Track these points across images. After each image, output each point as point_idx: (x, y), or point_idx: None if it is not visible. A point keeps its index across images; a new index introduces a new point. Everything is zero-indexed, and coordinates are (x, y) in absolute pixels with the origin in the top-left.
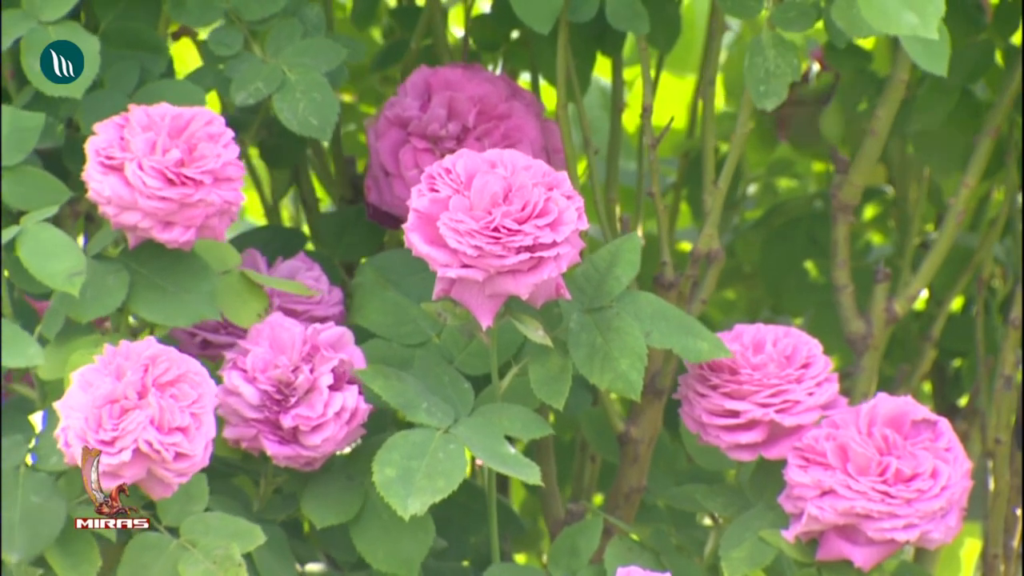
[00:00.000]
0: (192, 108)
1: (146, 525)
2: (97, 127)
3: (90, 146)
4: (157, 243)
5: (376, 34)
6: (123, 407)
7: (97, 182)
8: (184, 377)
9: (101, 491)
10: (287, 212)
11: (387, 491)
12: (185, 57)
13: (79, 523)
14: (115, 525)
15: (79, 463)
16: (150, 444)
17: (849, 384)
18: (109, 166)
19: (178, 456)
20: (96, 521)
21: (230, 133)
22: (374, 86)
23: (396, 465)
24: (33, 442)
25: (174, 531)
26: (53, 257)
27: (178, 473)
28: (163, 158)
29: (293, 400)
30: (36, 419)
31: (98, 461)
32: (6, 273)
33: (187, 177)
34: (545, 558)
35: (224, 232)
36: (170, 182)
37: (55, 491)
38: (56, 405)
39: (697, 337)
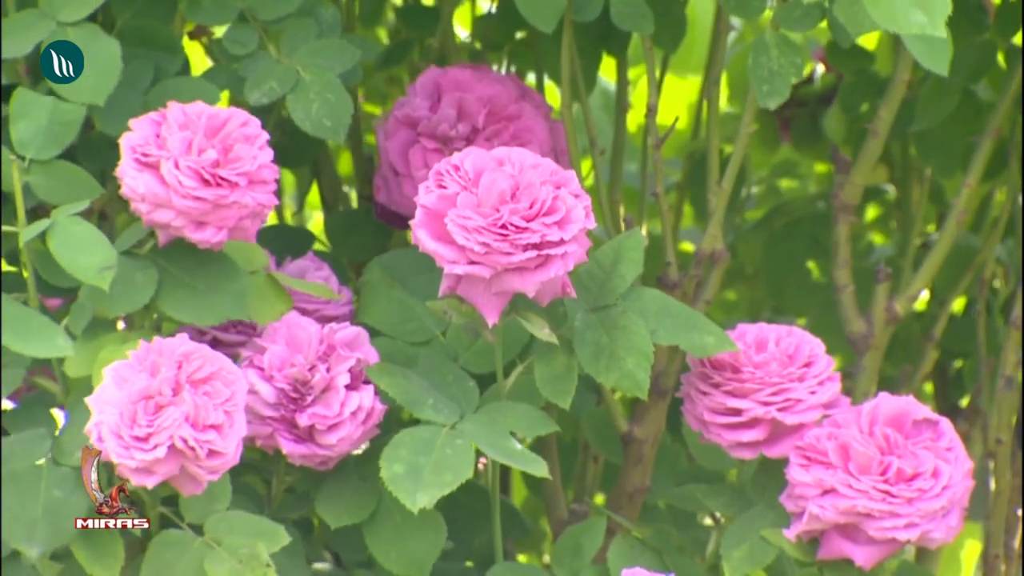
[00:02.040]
0: (228, 108)
1: (146, 525)
2: (133, 123)
3: (125, 142)
4: (187, 242)
5: (382, 34)
6: (158, 403)
7: (132, 178)
8: (217, 375)
9: (101, 491)
10: (289, 211)
11: (395, 486)
12: (200, 56)
13: (79, 523)
14: (115, 525)
15: (112, 458)
16: (185, 441)
17: (850, 384)
18: (144, 163)
19: (211, 454)
20: (96, 521)
21: (265, 135)
22: (379, 86)
23: (403, 461)
24: (57, 433)
25: (197, 528)
26: (84, 251)
27: (210, 471)
28: (199, 158)
29: (309, 399)
30: (57, 413)
31: (98, 461)
32: (10, 268)
33: (222, 178)
34: (547, 558)
35: (255, 234)
36: (205, 182)
37: (77, 485)
38: (88, 400)
39: (703, 332)
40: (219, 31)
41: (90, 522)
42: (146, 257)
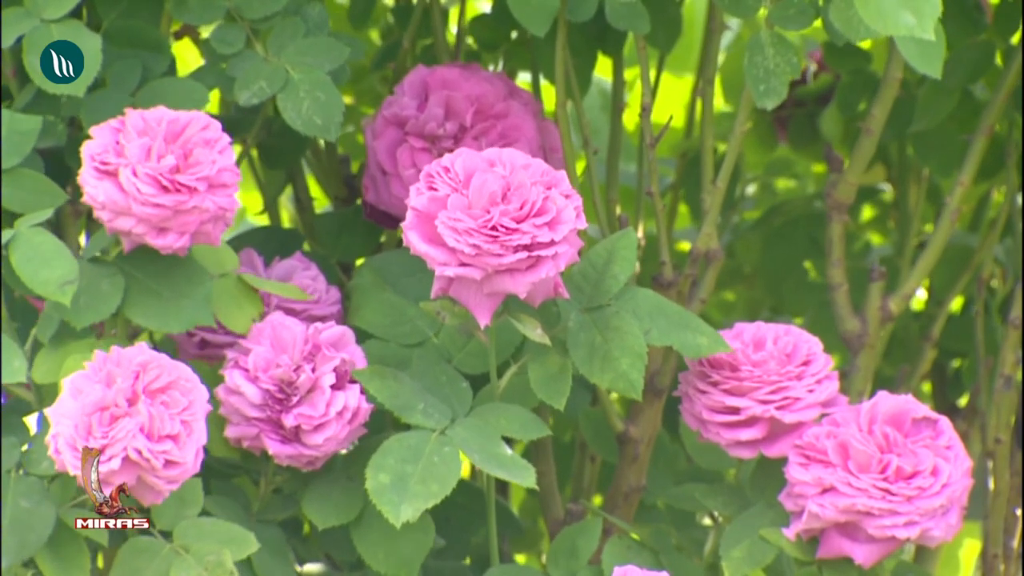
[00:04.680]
0: (189, 112)
1: (146, 525)
2: (93, 131)
3: (85, 151)
4: (152, 247)
5: (374, 35)
6: (113, 415)
7: (92, 187)
8: (175, 384)
9: (101, 491)
10: (287, 212)
11: (379, 498)
12: (187, 56)
13: (79, 523)
14: (115, 525)
15: (68, 470)
16: (139, 452)
17: (845, 383)
18: (104, 171)
19: (168, 464)
20: (96, 521)
21: (226, 138)
22: (373, 86)
23: (390, 470)
24: (26, 446)
25: (167, 535)
26: (45, 264)
27: (168, 480)
28: (158, 164)
29: (295, 399)
30: (32, 421)
31: (98, 461)
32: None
33: (181, 184)
34: (544, 558)
35: (219, 237)
36: (164, 189)
37: (45, 495)
38: (47, 411)
39: (696, 332)
40: (206, 31)
41: (90, 522)
42: (112, 264)
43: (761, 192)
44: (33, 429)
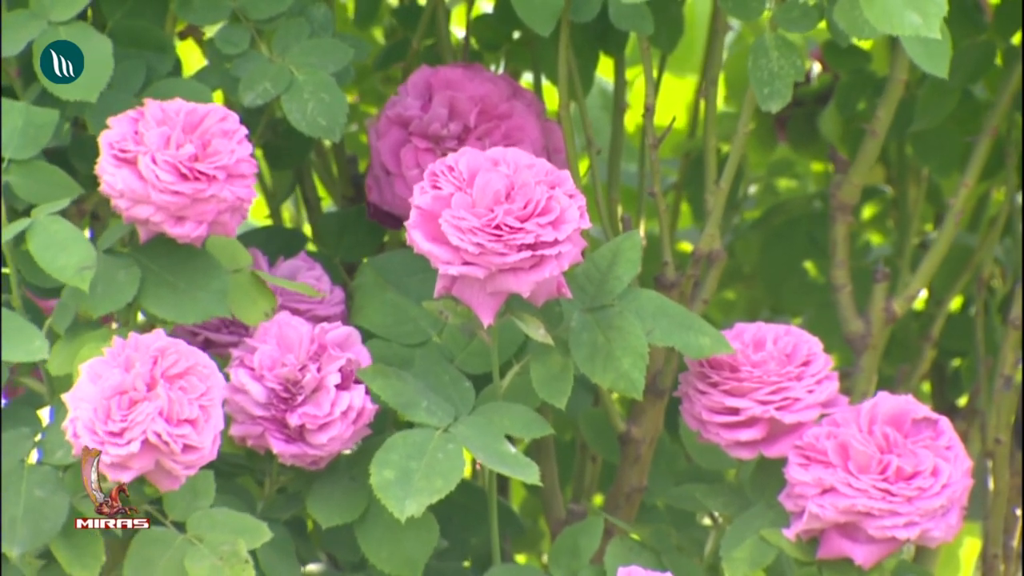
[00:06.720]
0: (206, 104)
1: (146, 525)
2: (111, 121)
3: (104, 139)
4: (168, 239)
5: (378, 34)
6: (132, 398)
7: (110, 175)
8: (193, 369)
9: (101, 491)
10: (288, 212)
11: (384, 493)
12: (191, 56)
13: (79, 523)
14: (115, 525)
15: None
16: (159, 435)
17: (848, 384)
18: (122, 159)
19: (186, 448)
20: (96, 521)
21: (243, 130)
22: (376, 86)
23: (394, 466)
24: (39, 436)
25: (180, 526)
26: (63, 250)
27: (186, 465)
28: (177, 152)
29: (300, 399)
30: (44, 414)
31: (98, 461)
32: (6, 270)
33: (200, 172)
34: (546, 558)
35: (235, 228)
36: (183, 177)
37: (59, 485)
38: (65, 397)
39: (699, 333)
40: (210, 31)
41: (90, 522)
42: (128, 255)
43: (763, 192)
44: (46, 421)
